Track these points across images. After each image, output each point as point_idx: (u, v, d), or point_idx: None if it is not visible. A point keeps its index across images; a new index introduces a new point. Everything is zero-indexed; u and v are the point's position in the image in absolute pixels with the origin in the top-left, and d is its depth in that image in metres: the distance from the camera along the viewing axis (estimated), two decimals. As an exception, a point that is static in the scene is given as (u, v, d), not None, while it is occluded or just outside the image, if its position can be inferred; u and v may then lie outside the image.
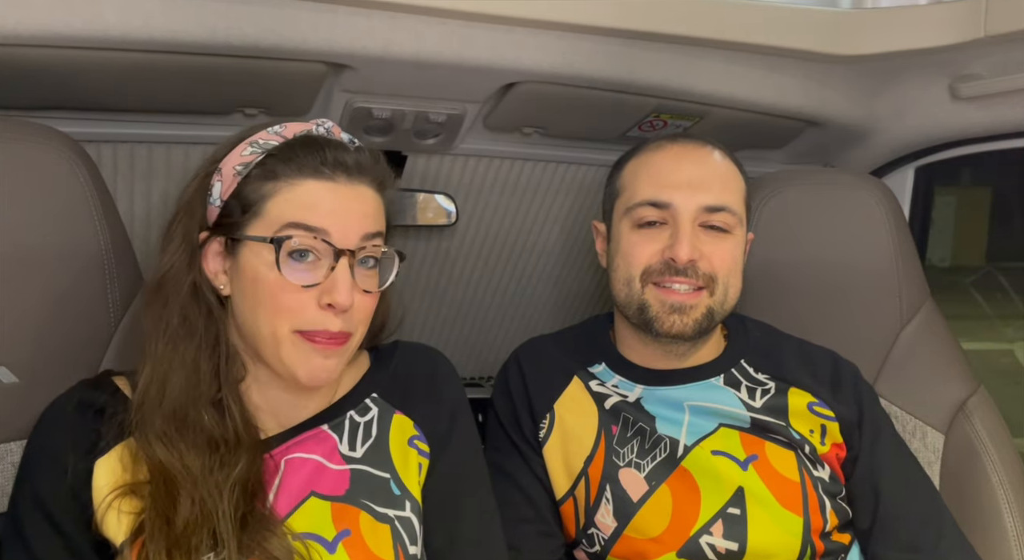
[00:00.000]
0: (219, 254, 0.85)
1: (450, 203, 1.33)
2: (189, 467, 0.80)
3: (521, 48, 1.05)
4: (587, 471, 1.05)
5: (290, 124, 0.87)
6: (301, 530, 0.83)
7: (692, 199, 1.02)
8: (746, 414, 1.05)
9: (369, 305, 0.86)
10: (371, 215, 0.85)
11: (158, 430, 0.81)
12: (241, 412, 0.85)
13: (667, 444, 1.03)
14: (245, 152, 0.84)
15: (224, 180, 0.84)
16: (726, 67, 1.19)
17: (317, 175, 0.82)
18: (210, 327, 0.86)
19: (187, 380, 0.83)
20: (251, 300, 0.83)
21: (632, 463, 1.03)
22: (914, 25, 1.19)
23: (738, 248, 1.06)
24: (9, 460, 0.89)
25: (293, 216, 0.81)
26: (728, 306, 1.06)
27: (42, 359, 0.89)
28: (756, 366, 1.11)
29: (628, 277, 1.05)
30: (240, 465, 0.81)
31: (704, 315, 1.03)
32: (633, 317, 1.05)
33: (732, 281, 1.05)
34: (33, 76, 0.94)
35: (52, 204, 0.88)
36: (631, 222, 1.05)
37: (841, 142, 1.44)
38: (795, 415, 1.06)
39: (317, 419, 0.91)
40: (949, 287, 1.85)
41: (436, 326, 1.58)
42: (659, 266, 1.02)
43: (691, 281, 1.01)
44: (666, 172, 1.05)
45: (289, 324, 0.81)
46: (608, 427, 1.06)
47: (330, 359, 0.84)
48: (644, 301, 1.03)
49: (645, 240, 1.04)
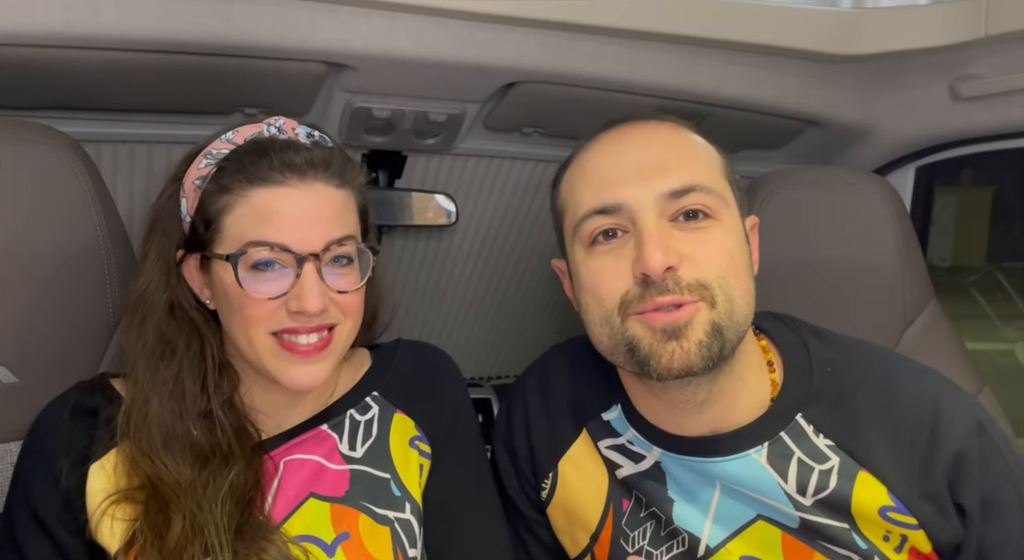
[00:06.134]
0: (198, 270, 0.85)
1: (450, 203, 1.33)
2: (180, 481, 0.79)
3: (521, 48, 1.05)
4: (592, 549, 0.90)
5: (242, 129, 0.84)
6: (300, 532, 0.83)
7: (647, 189, 0.77)
8: (794, 513, 0.79)
9: (352, 300, 0.84)
10: (332, 215, 0.81)
11: (144, 447, 0.80)
12: (235, 421, 0.84)
13: (685, 539, 0.83)
14: (201, 165, 0.83)
15: (188, 196, 0.83)
16: (726, 67, 1.19)
17: (267, 182, 0.79)
18: (192, 343, 0.84)
19: (170, 398, 0.82)
20: (227, 312, 0.83)
21: (643, 552, 0.86)
22: (914, 25, 1.19)
23: (732, 237, 0.80)
24: (8, 460, 0.89)
25: (251, 233, 0.79)
26: (741, 317, 0.78)
27: (41, 359, 0.89)
28: (819, 424, 0.81)
29: (603, 316, 0.80)
30: (232, 475, 0.80)
31: (709, 334, 0.76)
32: (626, 363, 0.81)
33: (735, 282, 0.77)
34: (33, 76, 0.94)
35: (52, 204, 0.88)
36: (583, 244, 0.81)
37: (841, 142, 1.44)
38: (862, 515, 0.79)
39: (316, 419, 0.90)
40: (950, 287, 1.85)
41: (436, 326, 1.58)
42: (637, 290, 0.77)
43: (675, 298, 0.76)
44: (605, 166, 0.81)
45: (264, 328, 0.80)
46: (619, 501, 0.88)
47: (313, 365, 0.82)
48: (630, 338, 0.78)
49: (607, 262, 0.79)
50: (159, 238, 0.85)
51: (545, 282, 1.58)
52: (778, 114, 1.31)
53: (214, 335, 0.86)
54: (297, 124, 0.86)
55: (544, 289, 1.59)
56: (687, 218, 0.78)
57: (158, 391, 0.82)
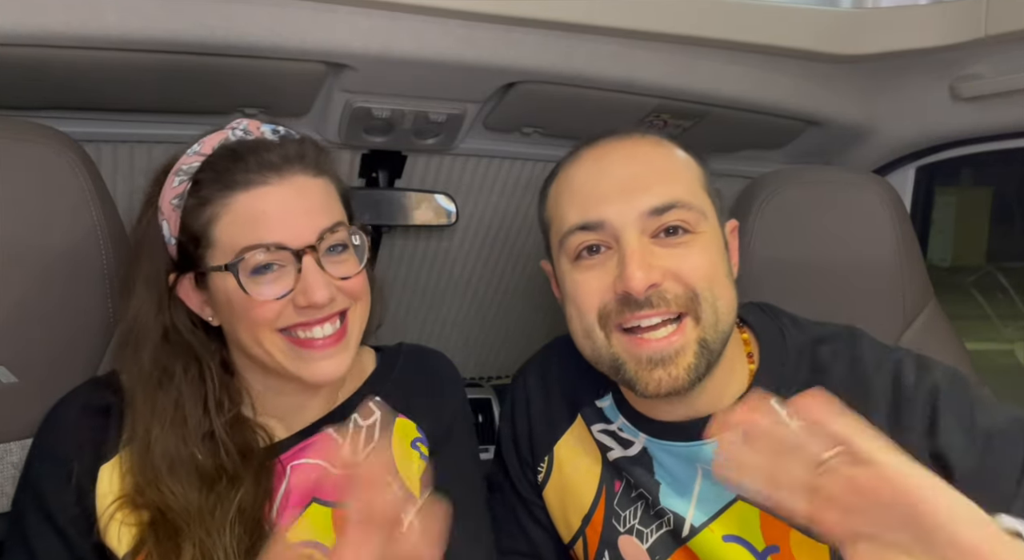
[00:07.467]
0: (194, 289, 0.84)
1: (450, 203, 1.33)
2: (188, 508, 0.78)
3: (521, 48, 1.05)
4: (584, 531, 0.93)
5: (206, 139, 0.84)
6: (303, 537, 0.83)
7: (629, 207, 0.80)
8: None
9: (357, 284, 0.84)
10: (318, 205, 0.82)
11: (150, 476, 0.79)
12: (241, 438, 0.84)
13: (671, 520, 0.87)
14: (175, 183, 0.82)
15: (168, 218, 0.82)
16: (726, 67, 1.19)
17: (247, 185, 0.79)
18: (190, 367, 0.84)
19: (171, 424, 0.81)
20: (233, 322, 0.82)
21: (634, 530, 0.89)
22: (914, 25, 1.19)
23: (712, 248, 0.83)
24: (8, 460, 0.89)
25: (243, 239, 0.78)
26: (724, 327, 0.82)
27: (41, 359, 0.89)
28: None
29: (585, 328, 0.84)
30: (239, 497, 0.80)
31: (697, 354, 0.79)
32: (610, 374, 0.84)
33: (720, 292, 0.81)
34: (33, 76, 0.94)
35: (52, 204, 0.88)
36: (568, 257, 0.85)
37: (841, 142, 1.44)
38: None
39: (322, 422, 0.90)
40: (949, 287, 1.84)
41: (436, 326, 1.58)
42: (615, 304, 0.80)
43: (660, 311, 0.79)
44: (590, 184, 0.84)
45: (272, 327, 0.80)
46: (611, 482, 0.92)
47: (333, 358, 0.82)
48: (615, 356, 0.82)
49: (589, 276, 0.82)
50: (144, 265, 0.84)
51: (545, 282, 1.57)
52: (778, 114, 1.31)
53: (212, 356, 0.85)
54: (260, 123, 0.86)
55: (544, 289, 1.58)
56: (668, 234, 0.81)
57: (159, 419, 0.81)
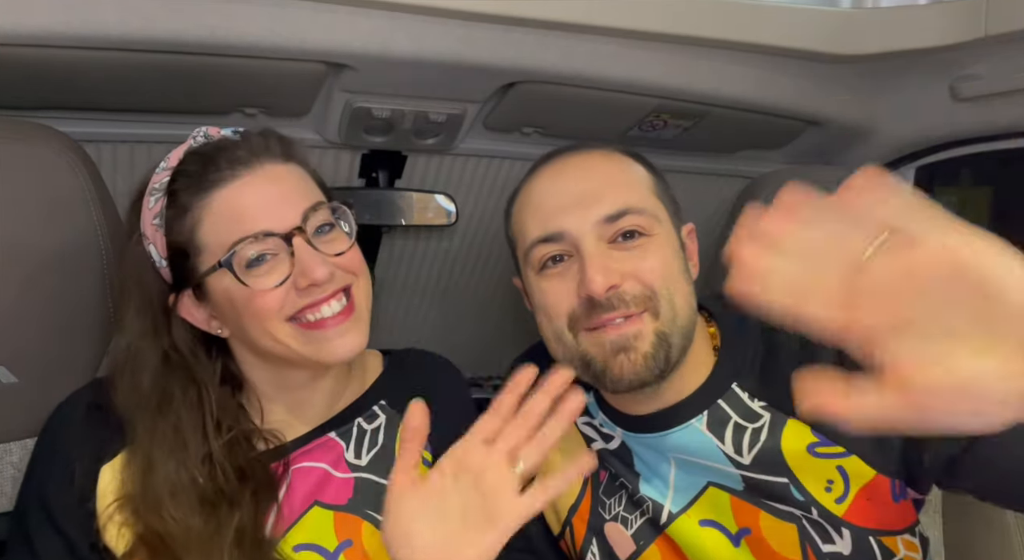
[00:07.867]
0: (196, 304, 0.84)
1: (450, 203, 1.33)
2: (188, 533, 0.78)
3: (521, 48, 1.05)
4: (571, 521, 0.97)
5: (171, 154, 0.85)
6: (303, 541, 0.83)
7: (585, 216, 0.86)
8: (736, 473, 0.87)
9: (352, 258, 0.85)
10: (294, 189, 0.83)
11: (152, 504, 0.79)
12: (239, 460, 0.83)
13: (650, 507, 0.92)
14: (151, 204, 0.83)
15: (153, 241, 0.83)
16: (726, 67, 1.19)
17: (221, 184, 0.80)
18: (189, 391, 0.84)
19: (171, 451, 0.81)
20: (239, 320, 0.82)
21: (619, 517, 0.93)
22: (914, 25, 1.19)
23: (667, 249, 0.89)
24: (8, 460, 0.89)
25: (229, 234, 0.79)
26: (683, 322, 0.87)
27: (41, 359, 0.89)
28: (752, 390, 0.89)
29: (555, 333, 0.89)
30: (238, 520, 0.80)
31: (656, 345, 0.85)
32: (582, 375, 0.88)
33: (676, 288, 0.87)
34: (33, 76, 0.94)
35: (52, 204, 0.88)
36: (533, 269, 0.91)
37: (841, 142, 1.44)
38: (797, 464, 0.85)
39: (326, 426, 0.91)
40: (949, 287, 1.84)
41: (436, 326, 1.58)
42: (581, 309, 0.86)
43: (622, 312, 0.84)
44: (547, 198, 0.91)
45: (279, 316, 0.80)
46: (596, 472, 0.96)
47: (347, 335, 0.82)
48: (584, 353, 0.87)
49: (555, 284, 0.88)
50: (136, 293, 0.84)
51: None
52: (778, 114, 1.31)
53: (211, 377, 0.85)
54: (219, 128, 0.87)
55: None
56: (624, 238, 0.87)
57: (159, 445, 0.81)
